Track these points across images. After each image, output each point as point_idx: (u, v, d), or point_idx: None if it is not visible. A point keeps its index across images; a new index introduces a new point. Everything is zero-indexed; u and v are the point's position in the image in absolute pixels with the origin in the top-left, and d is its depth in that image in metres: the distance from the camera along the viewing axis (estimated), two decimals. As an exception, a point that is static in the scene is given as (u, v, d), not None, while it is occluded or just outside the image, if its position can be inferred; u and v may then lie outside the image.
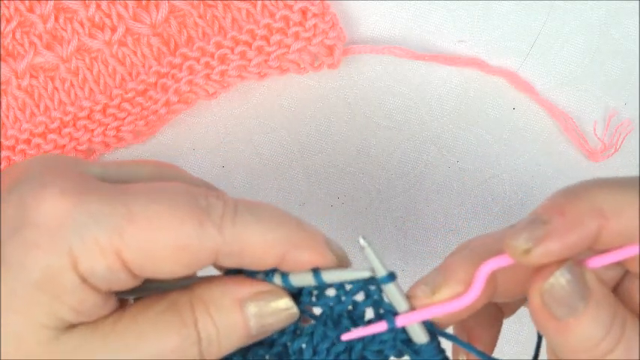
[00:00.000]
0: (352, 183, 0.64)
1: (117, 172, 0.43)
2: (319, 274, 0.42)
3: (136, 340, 0.40)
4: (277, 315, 0.42)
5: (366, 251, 0.42)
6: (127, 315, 0.41)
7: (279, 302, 0.42)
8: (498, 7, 0.64)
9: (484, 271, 0.40)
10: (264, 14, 0.61)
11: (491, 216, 0.64)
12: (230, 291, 0.42)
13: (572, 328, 0.39)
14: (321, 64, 0.62)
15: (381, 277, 0.42)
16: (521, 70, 0.64)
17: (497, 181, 0.64)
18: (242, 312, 0.41)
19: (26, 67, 0.61)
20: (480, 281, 0.40)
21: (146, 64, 0.61)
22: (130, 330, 0.40)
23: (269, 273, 0.42)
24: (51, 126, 0.61)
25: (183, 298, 0.41)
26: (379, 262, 0.42)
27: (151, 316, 0.40)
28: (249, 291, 0.42)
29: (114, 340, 0.40)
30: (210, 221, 0.40)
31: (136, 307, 0.41)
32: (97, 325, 0.40)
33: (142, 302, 0.41)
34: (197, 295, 0.41)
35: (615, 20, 0.64)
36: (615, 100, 0.64)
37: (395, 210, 0.64)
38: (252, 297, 0.42)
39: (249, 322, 0.42)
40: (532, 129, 0.64)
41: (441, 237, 0.64)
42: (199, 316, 0.41)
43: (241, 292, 0.42)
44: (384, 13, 0.64)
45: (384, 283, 0.42)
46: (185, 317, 0.41)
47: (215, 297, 0.41)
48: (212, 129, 0.64)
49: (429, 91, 0.64)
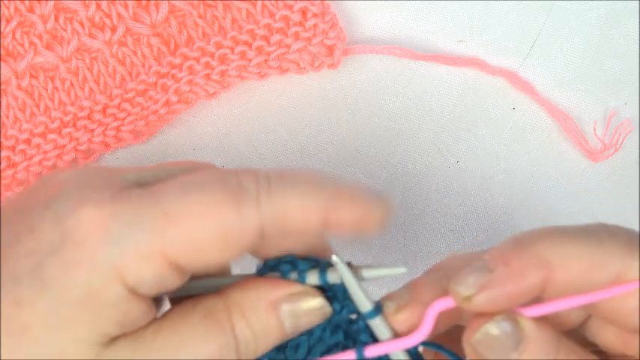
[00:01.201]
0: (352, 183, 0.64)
1: (152, 173, 0.43)
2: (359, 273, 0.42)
3: (177, 350, 0.40)
4: (311, 314, 0.42)
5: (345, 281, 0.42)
6: (166, 324, 0.41)
7: (313, 302, 0.42)
8: (498, 7, 0.64)
9: (432, 313, 0.41)
10: (264, 14, 0.61)
11: (491, 216, 0.64)
12: (264, 294, 0.42)
13: None
14: (321, 64, 0.62)
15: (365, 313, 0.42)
16: (521, 70, 0.64)
17: (497, 181, 0.64)
18: (277, 314, 0.42)
19: (26, 67, 0.61)
20: (429, 322, 0.41)
21: (146, 64, 0.61)
22: (170, 341, 0.40)
23: (302, 272, 0.43)
24: (51, 126, 0.61)
25: (219, 305, 0.41)
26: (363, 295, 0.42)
27: (189, 326, 0.41)
28: (283, 293, 0.42)
29: (156, 351, 0.40)
30: (246, 200, 0.39)
31: (174, 316, 0.41)
32: (138, 338, 0.40)
33: (178, 311, 0.41)
34: (232, 301, 0.42)
35: (615, 20, 0.64)
36: (615, 100, 0.64)
37: (395, 210, 0.64)
38: (286, 299, 0.42)
39: (284, 323, 0.42)
40: (532, 129, 0.64)
41: (441, 237, 0.64)
42: (236, 322, 0.41)
43: (275, 295, 0.42)
44: (384, 13, 0.64)
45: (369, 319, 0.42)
46: (223, 324, 0.41)
47: (250, 301, 0.42)
48: (212, 129, 0.64)
49: (429, 91, 0.64)
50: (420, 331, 0.41)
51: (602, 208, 0.64)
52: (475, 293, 0.39)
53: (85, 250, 0.39)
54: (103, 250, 0.38)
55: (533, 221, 0.64)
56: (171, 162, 0.45)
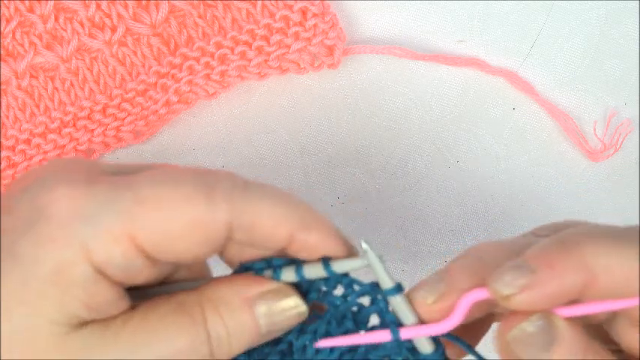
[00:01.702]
0: (352, 183, 0.64)
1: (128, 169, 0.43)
2: (329, 265, 0.42)
3: (147, 339, 0.40)
4: (286, 313, 0.42)
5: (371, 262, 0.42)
6: (137, 314, 0.41)
7: (288, 300, 0.42)
8: (498, 7, 0.64)
9: (466, 301, 0.41)
10: (264, 14, 0.61)
11: (491, 216, 0.64)
12: (239, 290, 0.42)
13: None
14: (321, 64, 0.62)
15: (386, 289, 0.42)
16: (521, 70, 0.64)
17: (497, 181, 0.64)
18: (251, 311, 0.42)
19: (26, 67, 0.61)
20: (462, 310, 0.41)
21: (146, 64, 0.61)
22: (140, 329, 0.40)
23: (277, 270, 0.43)
24: (51, 126, 0.61)
25: (192, 298, 0.41)
26: (385, 273, 0.42)
27: (160, 316, 0.41)
28: (258, 290, 0.42)
29: (125, 339, 0.40)
30: (219, 192, 0.40)
31: (146, 307, 0.41)
32: (108, 324, 0.40)
33: (151, 302, 0.41)
34: (206, 295, 0.42)
35: (615, 20, 0.64)
36: (615, 100, 0.64)
37: (395, 210, 0.64)
38: (261, 296, 0.42)
39: (258, 321, 0.42)
40: (532, 129, 0.64)
41: (441, 237, 0.64)
42: (209, 315, 0.41)
43: (250, 291, 0.42)
44: (384, 13, 0.64)
45: (391, 295, 0.42)
46: (195, 317, 0.41)
47: (224, 296, 0.42)
48: (212, 129, 0.64)
49: (429, 91, 0.64)
50: (451, 320, 0.41)
51: (602, 208, 0.64)
52: (516, 293, 0.39)
53: (55, 226, 0.39)
54: (74, 227, 0.39)
55: (533, 221, 0.64)
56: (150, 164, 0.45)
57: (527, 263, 0.40)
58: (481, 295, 0.40)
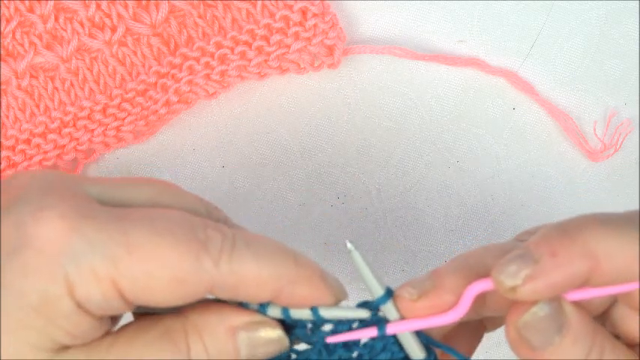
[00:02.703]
0: (352, 183, 0.64)
1: (115, 192, 0.43)
2: (317, 311, 0.42)
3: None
4: (268, 346, 0.43)
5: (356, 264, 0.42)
6: (122, 340, 0.41)
7: (272, 333, 0.43)
8: (498, 7, 0.64)
9: (472, 291, 0.41)
10: (264, 14, 0.61)
11: (491, 216, 0.64)
12: (224, 319, 0.42)
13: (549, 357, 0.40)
14: (321, 64, 0.62)
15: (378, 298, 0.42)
16: (521, 70, 0.64)
17: (497, 181, 0.64)
18: (234, 340, 0.42)
19: (26, 67, 0.61)
20: (468, 300, 0.41)
21: (146, 64, 0.61)
22: (124, 355, 0.41)
23: (264, 305, 0.43)
24: (51, 126, 0.61)
25: (177, 325, 0.42)
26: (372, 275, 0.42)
27: (145, 342, 0.41)
28: (242, 320, 0.42)
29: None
30: (207, 255, 0.40)
31: (130, 333, 0.42)
32: (92, 349, 0.41)
33: (135, 327, 0.42)
34: (191, 322, 0.42)
35: (615, 20, 0.64)
36: (615, 100, 0.64)
37: (395, 210, 0.64)
38: (245, 326, 0.42)
39: (240, 351, 0.42)
40: (532, 129, 0.64)
41: (441, 237, 0.64)
42: (192, 343, 0.42)
43: (235, 321, 0.42)
44: (384, 13, 0.64)
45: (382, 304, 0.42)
46: (179, 344, 0.41)
47: (209, 324, 0.42)
48: (212, 129, 0.64)
49: (429, 91, 0.64)
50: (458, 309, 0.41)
51: (602, 208, 0.64)
52: (520, 284, 0.39)
53: (43, 258, 0.39)
54: (60, 262, 0.39)
55: (533, 221, 0.64)
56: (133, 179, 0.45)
57: (530, 252, 0.40)
58: (486, 285, 0.40)
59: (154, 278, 0.40)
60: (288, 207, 0.63)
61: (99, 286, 0.39)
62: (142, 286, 0.40)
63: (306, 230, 0.64)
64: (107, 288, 0.39)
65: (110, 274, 0.39)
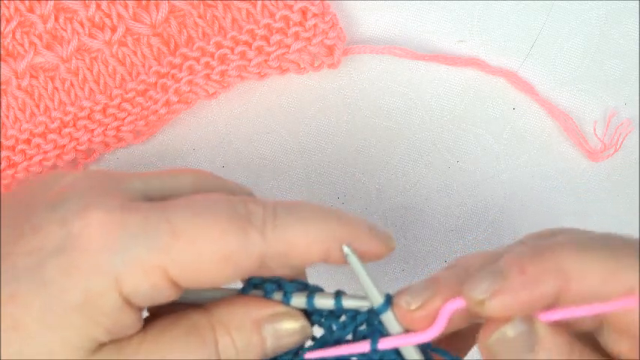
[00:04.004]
0: (352, 183, 0.64)
1: (159, 185, 0.43)
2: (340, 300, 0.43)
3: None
4: (292, 336, 0.43)
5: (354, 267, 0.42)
6: (149, 337, 0.41)
7: (295, 324, 0.43)
8: (498, 7, 0.64)
9: (447, 310, 0.41)
10: (264, 14, 0.61)
11: (491, 216, 0.64)
12: (249, 313, 0.43)
13: None
14: (321, 64, 0.62)
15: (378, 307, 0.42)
16: (521, 70, 0.64)
17: (497, 181, 0.64)
18: (260, 333, 0.42)
19: (26, 67, 0.61)
20: (443, 319, 0.41)
21: (146, 64, 0.61)
22: (155, 351, 0.41)
23: (287, 294, 0.43)
24: (51, 126, 0.61)
25: (203, 321, 0.42)
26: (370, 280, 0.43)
27: (173, 337, 0.41)
28: (267, 312, 0.43)
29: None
30: (252, 228, 0.40)
31: (159, 328, 0.42)
32: (123, 346, 0.41)
33: (162, 324, 0.42)
34: (216, 317, 0.42)
35: (615, 20, 0.64)
36: (615, 100, 0.64)
37: (395, 210, 0.64)
38: (270, 318, 0.43)
39: (266, 343, 0.42)
40: (532, 129, 0.64)
41: (441, 237, 0.64)
42: (220, 338, 0.42)
43: (260, 314, 0.43)
44: (384, 13, 0.64)
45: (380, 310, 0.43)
46: (207, 339, 0.42)
47: (235, 319, 0.42)
48: (212, 129, 0.64)
49: (429, 91, 0.64)
50: (433, 329, 0.41)
51: (602, 208, 0.64)
52: (488, 298, 0.39)
53: (88, 256, 0.39)
54: (107, 258, 0.39)
55: (533, 221, 0.64)
56: (175, 170, 0.45)
57: (499, 269, 0.40)
58: (460, 303, 0.40)
59: (204, 259, 0.40)
60: (288, 207, 0.63)
61: (147, 277, 0.39)
62: (192, 269, 0.40)
63: (306, 230, 0.63)
64: (157, 278, 0.39)
65: (159, 263, 0.39)
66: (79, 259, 0.39)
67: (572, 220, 0.64)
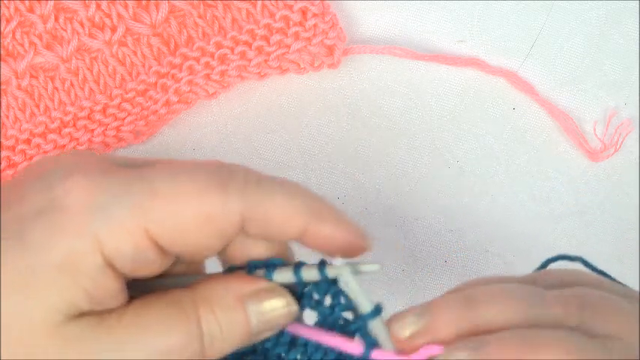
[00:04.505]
0: (352, 183, 0.64)
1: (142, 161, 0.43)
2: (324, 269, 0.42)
3: (141, 334, 0.40)
4: (278, 312, 0.42)
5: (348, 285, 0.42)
6: (132, 309, 0.41)
7: (280, 300, 0.42)
8: (498, 7, 0.64)
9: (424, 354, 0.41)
10: (264, 14, 0.61)
11: (491, 216, 0.64)
12: (232, 289, 0.42)
13: None
14: (321, 64, 0.62)
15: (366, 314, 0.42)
16: (521, 70, 0.64)
17: (497, 181, 0.64)
18: (244, 309, 0.42)
19: (26, 67, 0.61)
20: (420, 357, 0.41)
21: (146, 64, 0.61)
22: (134, 324, 0.40)
23: (269, 269, 0.43)
24: (51, 126, 0.61)
25: (187, 296, 0.42)
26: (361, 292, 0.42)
27: (155, 312, 0.41)
28: (250, 288, 0.42)
29: (119, 333, 0.40)
30: (233, 186, 0.40)
31: (140, 303, 0.41)
32: (103, 317, 0.40)
33: (145, 298, 0.42)
34: (200, 293, 0.42)
35: (615, 20, 0.64)
36: (615, 100, 0.64)
37: (395, 210, 0.64)
38: (254, 294, 0.42)
39: (250, 320, 0.42)
40: (532, 129, 0.64)
41: (441, 237, 0.64)
42: (202, 313, 0.41)
43: (243, 290, 0.42)
44: (384, 13, 0.64)
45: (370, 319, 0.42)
46: (189, 314, 0.41)
47: (218, 295, 0.42)
48: (212, 129, 0.64)
49: (429, 91, 0.64)
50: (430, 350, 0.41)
51: (602, 208, 0.64)
52: None
53: (69, 216, 0.39)
54: (88, 218, 0.39)
55: (533, 221, 0.64)
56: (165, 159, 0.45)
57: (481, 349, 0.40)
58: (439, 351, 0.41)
59: (184, 217, 0.40)
60: (288, 207, 0.63)
61: (129, 237, 0.39)
62: (173, 229, 0.40)
63: (306, 230, 0.63)
64: (138, 238, 0.39)
65: (139, 222, 0.39)
66: (61, 220, 0.39)
67: (572, 220, 0.64)
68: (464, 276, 0.63)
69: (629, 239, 0.64)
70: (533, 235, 0.64)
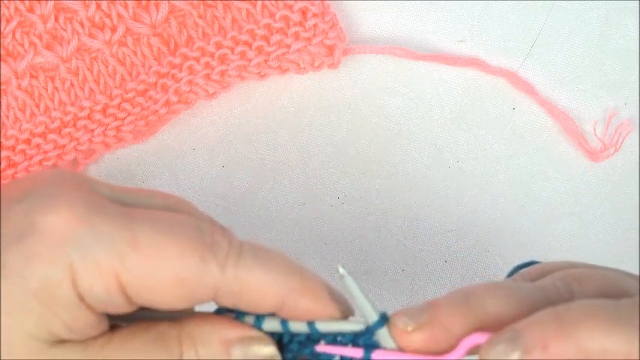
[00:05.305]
0: (352, 183, 0.64)
1: (126, 196, 0.43)
2: (314, 324, 0.42)
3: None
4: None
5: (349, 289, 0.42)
6: (116, 340, 0.41)
7: (265, 349, 0.43)
8: (498, 7, 0.64)
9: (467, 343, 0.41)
10: (264, 14, 0.61)
11: (490, 216, 0.64)
12: (219, 331, 0.42)
13: None
14: (321, 64, 0.62)
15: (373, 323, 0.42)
16: (521, 70, 0.64)
17: (497, 181, 0.64)
18: (228, 353, 0.42)
19: (26, 67, 0.61)
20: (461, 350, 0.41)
21: (146, 64, 0.61)
22: (117, 355, 0.41)
23: (259, 317, 0.43)
24: (51, 126, 0.61)
25: (173, 331, 0.42)
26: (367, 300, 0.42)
27: (139, 344, 0.41)
28: (237, 334, 0.42)
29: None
30: (213, 258, 0.40)
31: (125, 333, 0.42)
32: (87, 346, 0.41)
33: (131, 329, 0.42)
34: (186, 330, 0.42)
35: (615, 20, 0.64)
36: (615, 100, 0.64)
37: (395, 210, 0.64)
38: (240, 340, 0.42)
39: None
40: (532, 129, 0.64)
41: (441, 237, 0.64)
42: (186, 350, 0.42)
43: (230, 334, 0.42)
44: (384, 13, 0.64)
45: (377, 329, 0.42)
46: (172, 350, 0.41)
47: (204, 335, 0.42)
48: (212, 129, 0.64)
49: (429, 91, 0.64)
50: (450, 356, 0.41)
51: (602, 208, 0.64)
52: None
53: (49, 245, 0.39)
54: (64, 248, 0.39)
55: (533, 222, 0.64)
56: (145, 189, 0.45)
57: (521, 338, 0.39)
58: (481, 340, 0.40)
59: (157, 276, 0.40)
60: (288, 207, 0.63)
61: (102, 278, 0.39)
62: (144, 284, 0.40)
63: (306, 230, 0.64)
64: (110, 282, 0.39)
65: (114, 268, 0.39)
66: (39, 247, 0.39)
67: (572, 220, 0.64)
68: (464, 276, 0.63)
69: (629, 239, 0.64)
70: (533, 235, 0.64)
